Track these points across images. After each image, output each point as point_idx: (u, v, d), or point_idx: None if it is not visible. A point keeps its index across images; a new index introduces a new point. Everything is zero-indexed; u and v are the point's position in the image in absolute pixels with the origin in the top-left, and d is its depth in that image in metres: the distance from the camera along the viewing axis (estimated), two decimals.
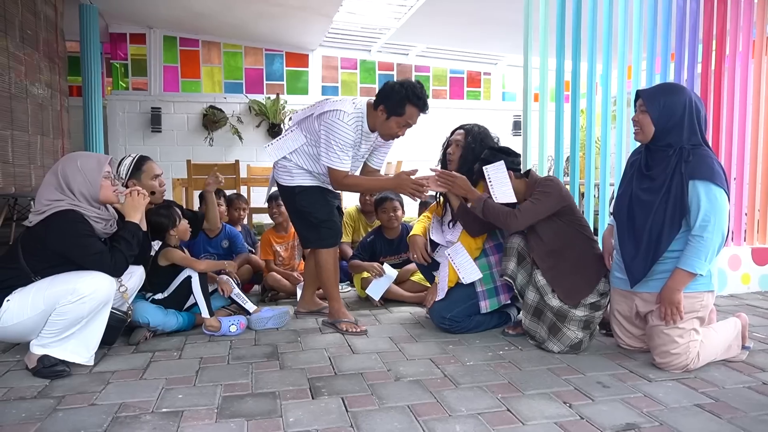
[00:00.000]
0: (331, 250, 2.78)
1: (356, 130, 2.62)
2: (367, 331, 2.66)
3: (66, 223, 2.10)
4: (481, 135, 2.72)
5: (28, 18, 4.45)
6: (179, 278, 2.70)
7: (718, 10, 3.49)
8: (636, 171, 2.20)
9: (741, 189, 3.58)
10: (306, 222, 2.78)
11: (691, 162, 2.04)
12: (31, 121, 4.43)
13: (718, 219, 2.01)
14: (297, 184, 2.74)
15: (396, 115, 2.60)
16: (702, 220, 2.01)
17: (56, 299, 2.01)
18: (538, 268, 2.42)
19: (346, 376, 2.05)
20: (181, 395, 1.88)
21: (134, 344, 2.45)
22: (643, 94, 2.14)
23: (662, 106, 2.09)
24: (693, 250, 2.02)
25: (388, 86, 2.62)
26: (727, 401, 1.83)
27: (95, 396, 1.87)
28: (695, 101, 2.10)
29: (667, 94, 2.11)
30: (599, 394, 1.88)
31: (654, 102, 2.10)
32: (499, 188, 2.44)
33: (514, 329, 2.60)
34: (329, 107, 2.60)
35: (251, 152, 7.48)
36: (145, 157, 2.79)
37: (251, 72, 7.71)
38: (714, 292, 2.15)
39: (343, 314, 2.75)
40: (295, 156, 2.72)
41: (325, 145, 2.59)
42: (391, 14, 6.80)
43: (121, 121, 7.27)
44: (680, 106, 2.07)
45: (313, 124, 2.66)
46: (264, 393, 1.90)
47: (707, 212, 2.00)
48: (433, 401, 1.82)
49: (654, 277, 2.13)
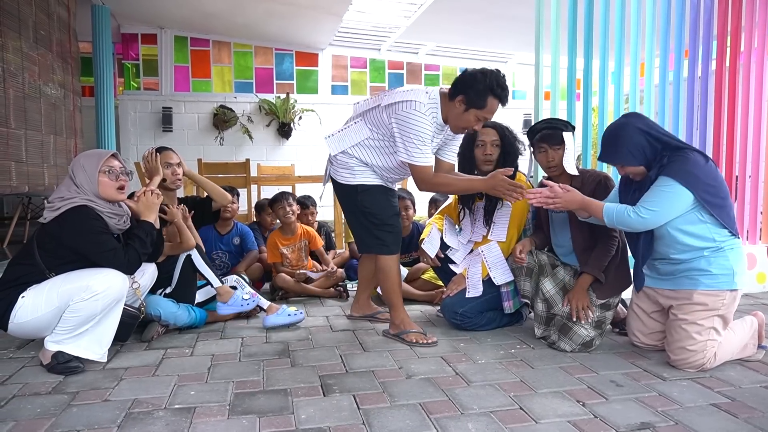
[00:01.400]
0: (394, 257, 2.57)
1: (433, 121, 2.38)
2: (437, 342, 2.43)
3: (80, 219, 2.12)
4: (513, 135, 2.71)
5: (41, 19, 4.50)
6: (178, 264, 2.70)
7: (733, 5, 3.45)
8: (636, 188, 2.22)
9: (756, 187, 3.53)
10: (367, 224, 2.54)
11: (666, 164, 2.06)
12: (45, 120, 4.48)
13: (656, 206, 2.02)
14: (360, 183, 2.51)
15: (476, 108, 2.31)
16: (643, 200, 2.06)
17: (70, 296, 2.03)
18: (545, 278, 2.42)
19: (358, 374, 2.05)
20: (193, 392, 1.88)
21: (147, 341, 2.46)
22: (606, 160, 2.18)
23: (627, 150, 2.09)
24: (618, 211, 2.09)
25: (469, 75, 2.33)
26: (743, 401, 1.80)
27: (109, 392, 1.88)
28: (636, 122, 2.12)
29: (617, 139, 2.12)
30: (613, 393, 1.86)
31: (617, 154, 2.12)
32: (568, 158, 2.41)
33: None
34: (401, 98, 2.36)
35: (261, 151, 7.51)
36: (165, 147, 2.89)
37: (261, 71, 7.74)
38: (738, 291, 2.10)
39: (409, 324, 2.51)
40: (357, 150, 2.49)
41: (403, 139, 2.34)
42: (401, 12, 6.79)
43: (133, 120, 7.33)
44: (636, 135, 2.09)
45: (381, 115, 2.42)
46: (275, 390, 1.90)
47: (652, 194, 2.05)
48: (445, 399, 1.81)
49: (679, 275, 2.13)
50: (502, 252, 2.60)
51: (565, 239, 2.46)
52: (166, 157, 2.80)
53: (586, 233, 2.38)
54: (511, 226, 2.63)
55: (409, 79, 8.37)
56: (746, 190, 3.49)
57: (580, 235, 2.39)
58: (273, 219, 3.91)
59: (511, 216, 2.63)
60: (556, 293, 2.43)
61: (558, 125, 2.45)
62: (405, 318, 2.54)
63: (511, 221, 2.63)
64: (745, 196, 3.48)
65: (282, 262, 3.59)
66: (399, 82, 8.33)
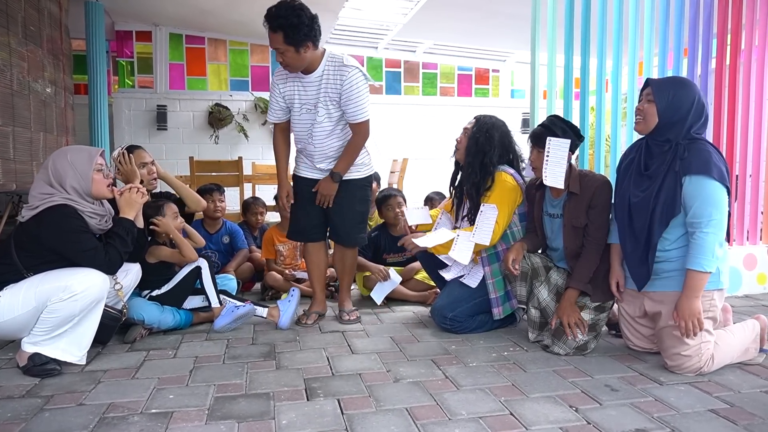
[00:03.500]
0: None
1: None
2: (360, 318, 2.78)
3: (59, 218, 2.05)
4: (488, 125, 2.54)
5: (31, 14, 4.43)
6: (184, 271, 2.64)
7: (733, 2, 3.38)
8: (634, 171, 2.13)
9: (757, 186, 3.47)
10: (361, 217, 2.75)
11: (687, 157, 1.97)
12: (34, 118, 4.41)
13: (716, 213, 1.93)
14: (369, 175, 2.77)
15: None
16: (699, 216, 1.94)
17: (48, 296, 1.96)
18: (540, 284, 2.35)
19: (344, 377, 1.98)
20: (172, 395, 1.82)
21: (129, 342, 2.40)
22: (653, 84, 2.06)
23: (671, 98, 2.01)
24: (697, 247, 1.94)
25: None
26: (742, 406, 1.74)
27: (84, 396, 1.82)
28: (703, 100, 2.04)
29: (678, 87, 2.03)
30: (607, 398, 1.80)
31: (663, 93, 2.02)
32: (553, 167, 2.26)
33: None
34: (342, 68, 2.55)
35: (257, 150, 7.45)
36: (135, 146, 2.77)
37: (257, 69, 7.67)
38: (724, 290, 2.08)
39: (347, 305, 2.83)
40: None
41: (359, 100, 2.51)
42: (398, 10, 6.72)
43: (127, 118, 7.26)
44: (688, 102, 2.00)
45: (329, 103, 2.58)
46: (258, 394, 1.83)
47: (703, 207, 1.93)
48: (433, 404, 1.75)
49: (661, 276, 2.07)
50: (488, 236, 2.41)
51: (559, 244, 2.37)
52: (139, 157, 2.71)
53: (579, 240, 2.28)
54: (498, 227, 2.44)
55: (407, 77, 8.31)
56: (746, 189, 3.42)
57: (573, 242, 2.29)
58: (258, 218, 3.91)
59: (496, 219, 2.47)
60: (551, 301, 2.35)
61: (554, 127, 2.30)
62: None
63: (497, 223, 2.44)
64: (745, 195, 3.42)
65: (276, 259, 3.53)
66: (396, 80, 8.27)
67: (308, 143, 2.64)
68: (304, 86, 2.55)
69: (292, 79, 2.56)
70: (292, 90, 2.58)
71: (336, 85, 2.50)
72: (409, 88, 8.35)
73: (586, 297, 2.26)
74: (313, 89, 2.54)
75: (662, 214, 1.99)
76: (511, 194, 2.48)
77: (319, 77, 2.52)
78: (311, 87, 2.54)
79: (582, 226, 2.26)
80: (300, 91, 2.57)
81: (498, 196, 2.46)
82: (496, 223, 2.41)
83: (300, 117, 2.61)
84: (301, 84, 2.55)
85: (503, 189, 2.47)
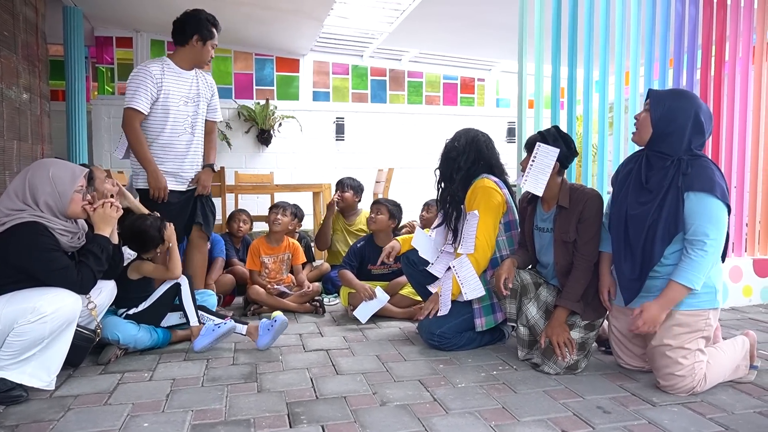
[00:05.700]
0: None
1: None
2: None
3: (28, 236, 1.95)
4: (459, 134, 2.61)
5: (5, 19, 4.29)
6: (162, 288, 2.55)
7: (718, 14, 3.39)
8: (633, 183, 2.07)
9: (741, 198, 3.47)
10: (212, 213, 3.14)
11: (690, 174, 1.93)
12: (7, 125, 4.26)
13: (716, 233, 1.90)
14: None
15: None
16: (699, 234, 1.90)
17: (14, 318, 1.86)
18: (529, 301, 2.30)
19: (328, 401, 1.90)
20: (146, 423, 1.72)
21: (103, 364, 2.29)
22: (652, 94, 2.04)
23: (666, 109, 1.98)
24: (690, 263, 1.90)
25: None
26: (737, 428, 1.70)
27: (52, 425, 1.71)
28: (702, 114, 1.98)
29: (675, 99, 2.00)
30: (600, 421, 1.74)
31: (659, 103, 2.00)
32: (536, 172, 2.22)
33: None
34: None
35: (240, 158, 7.33)
36: (87, 164, 2.71)
37: (241, 77, 7.56)
38: (719, 309, 2.04)
39: None
40: None
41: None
42: (384, 18, 6.68)
43: (106, 126, 7.10)
44: (683, 115, 1.96)
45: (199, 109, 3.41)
46: (238, 420, 1.75)
47: (704, 225, 1.89)
48: (421, 430, 1.68)
49: (652, 292, 2.01)
50: (472, 265, 2.43)
51: (549, 260, 2.33)
52: (100, 173, 2.61)
53: (569, 256, 2.23)
54: (481, 234, 2.45)
55: (392, 85, 8.27)
56: (732, 201, 3.42)
57: (563, 258, 2.24)
58: (240, 226, 3.94)
59: (478, 225, 2.47)
60: (540, 318, 2.30)
61: (548, 136, 2.26)
62: None
63: (479, 229, 2.46)
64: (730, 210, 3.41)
65: (260, 271, 3.44)
66: (382, 88, 8.23)
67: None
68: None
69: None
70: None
71: None
72: (395, 96, 8.31)
73: (576, 315, 2.21)
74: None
75: (665, 231, 1.94)
76: (492, 196, 2.46)
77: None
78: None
79: (571, 241, 2.21)
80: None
81: (478, 201, 2.46)
82: (477, 229, 2.40)
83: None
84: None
85: (484, 193, 2.47)
